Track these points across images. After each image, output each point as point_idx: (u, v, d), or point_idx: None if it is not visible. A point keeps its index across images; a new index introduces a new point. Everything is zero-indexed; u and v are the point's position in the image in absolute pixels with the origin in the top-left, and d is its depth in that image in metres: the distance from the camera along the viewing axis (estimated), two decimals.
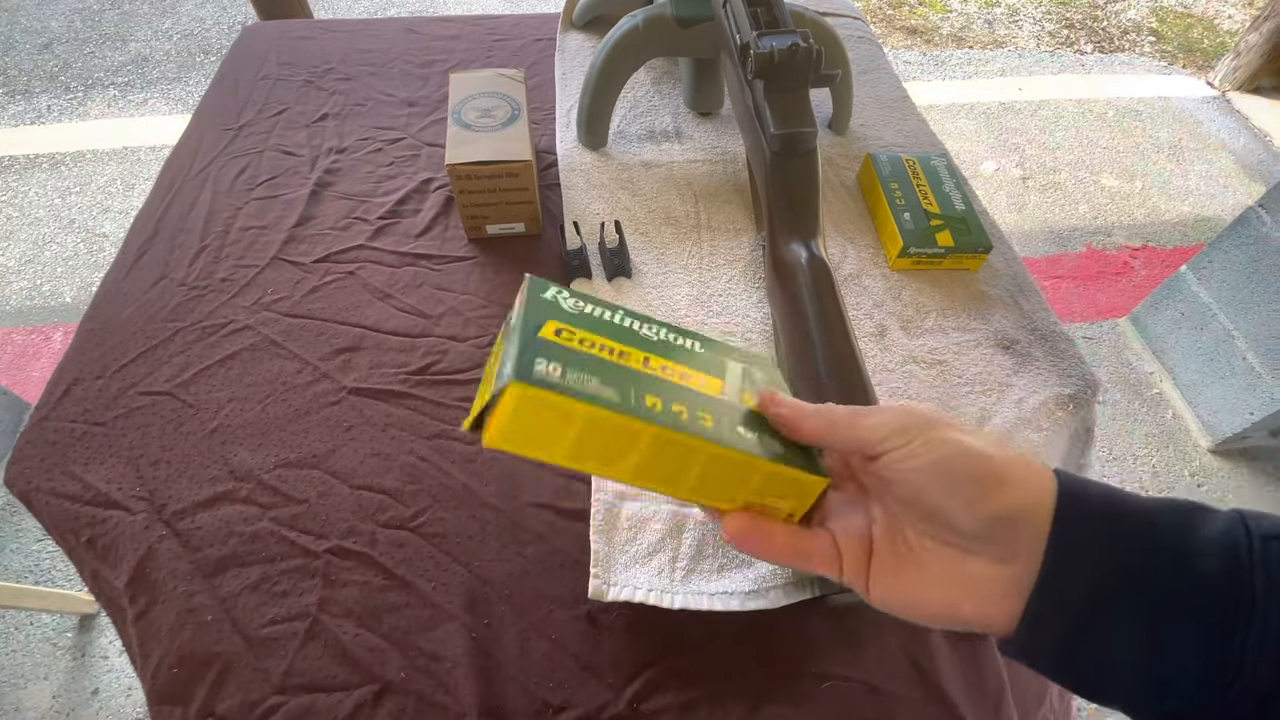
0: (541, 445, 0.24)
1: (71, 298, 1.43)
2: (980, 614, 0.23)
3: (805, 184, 0.49)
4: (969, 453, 0.23)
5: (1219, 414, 1.23)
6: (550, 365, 0.23)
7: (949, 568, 0.24)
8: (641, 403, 0.24)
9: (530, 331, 0.24)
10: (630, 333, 0.27)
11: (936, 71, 2.18)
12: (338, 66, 0.75)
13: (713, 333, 0.51)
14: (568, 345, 0.25)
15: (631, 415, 0.23)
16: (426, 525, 0.41)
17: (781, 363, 0.45)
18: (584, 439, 0.24)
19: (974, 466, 0.23)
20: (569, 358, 0.24)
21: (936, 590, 0.24)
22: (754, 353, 0.31)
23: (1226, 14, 2.52)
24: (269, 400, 0.47)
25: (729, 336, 0.51)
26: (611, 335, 0.26)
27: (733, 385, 0.28)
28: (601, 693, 0.36)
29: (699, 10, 0.57)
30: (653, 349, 0.27)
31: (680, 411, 0.25)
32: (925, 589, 0.24)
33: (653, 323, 0.28)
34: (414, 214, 0.60)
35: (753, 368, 0.29)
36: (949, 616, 0.24)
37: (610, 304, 0.28)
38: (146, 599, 0.39)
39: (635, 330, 0.28)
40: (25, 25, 2.22)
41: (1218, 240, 1.21)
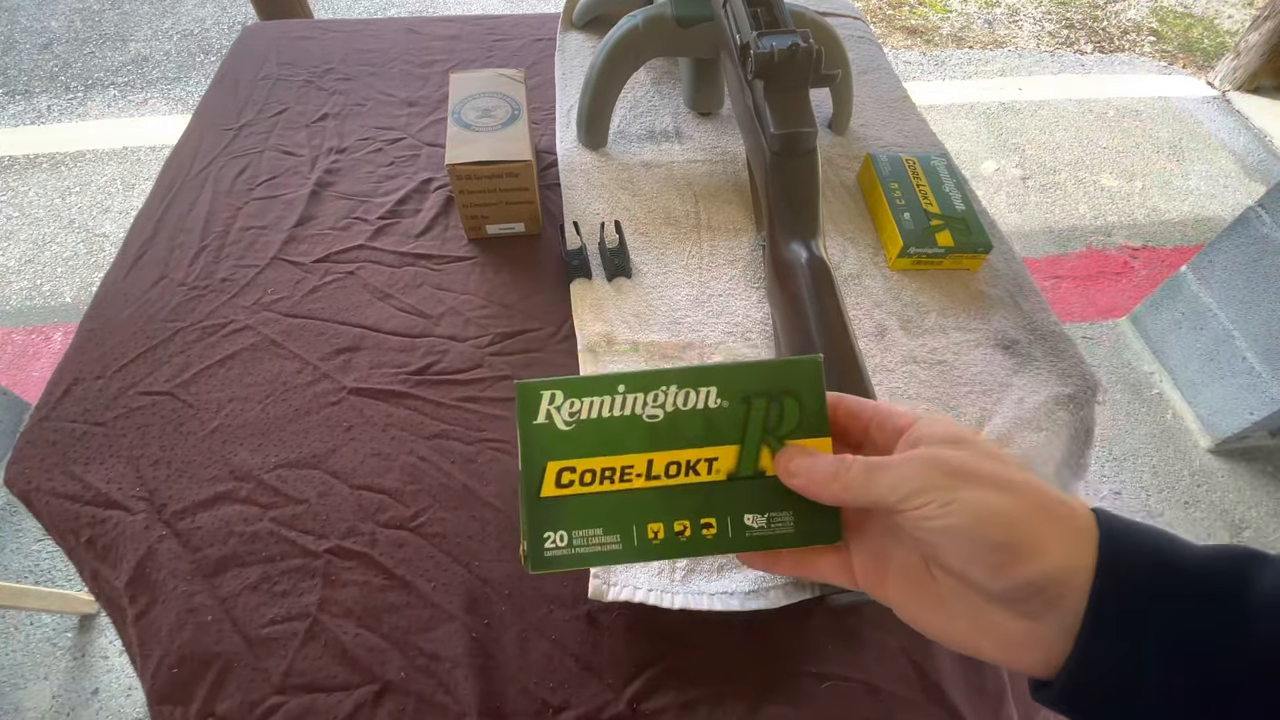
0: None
1: (71, 298, 1.43)
2: (1003, 656, 0.22)
3: (805, 184, 0.49)
4: (992, 520, 0.21)
5: (1219, 414, 1.23)
6: (558, 535, 0.26)
7: (971, 610, 0.23)
8: (644, 539, 0.27)
9: (534, 490, 0.27)
10: (632, 423, 0.27)
11: (936, 71, 2.18)
12: (338, 66, 0.75)
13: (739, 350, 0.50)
14: (570, 495, 0.27)
15: (635, 558, 0.27)
16: (426, 525, 0.41)
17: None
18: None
19: (995, 535, 0.21)
20: (573, 512, 0.26)
21: (957, 623, 0.23)
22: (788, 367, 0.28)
23: (1226, 14, 2.52)
24: (269, 400, 0.47)
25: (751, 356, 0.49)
26: (613, 439, 0.27)
27: (751, 443, 0.27)
28: (601, 693, 0.36)
29: (699, 10, 0.57)
30: (657, 440, 0.27)
31: (682, 531, 0.27)
32: (945, 618, 0.24)
33: (658, 384, 0.27)
34: (414, 214, 0.60)
35: (784, 398, 0.27)
36: (970, 649, 0.23)
37: (609, 381, 0.27)
38: (146, 599, 0.39)
39: (638, 417, 0.27)
40: (25, 25, 2.22)
41: (1218, 240, 1.21)
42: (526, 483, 0.26)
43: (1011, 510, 0.21)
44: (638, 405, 0.27)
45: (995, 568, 0.21)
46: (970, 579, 0.22)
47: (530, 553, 0.26)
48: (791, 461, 0.26)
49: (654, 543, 0.26)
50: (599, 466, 0.27)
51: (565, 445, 0.27)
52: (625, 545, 0.26)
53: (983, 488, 0.22)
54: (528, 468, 0.27)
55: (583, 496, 0.27)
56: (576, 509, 0.26)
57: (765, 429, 0.27)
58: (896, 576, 0.25)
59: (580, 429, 0.27)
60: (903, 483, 0.23)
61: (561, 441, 0.27)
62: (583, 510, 0.26)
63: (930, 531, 0.22)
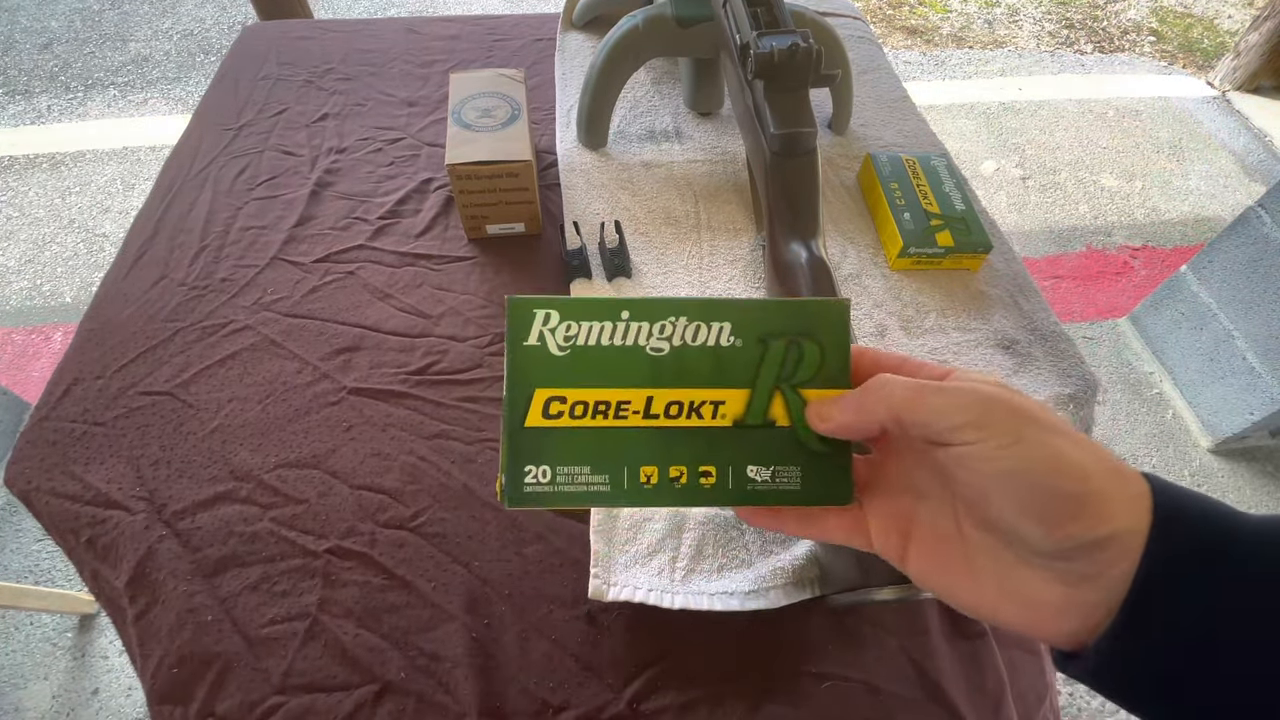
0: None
1: (71, 298, 1.43)
2: (1027, 623, 0.21)
3: (805, 184, 0.49)
4: (1064, 469, 0.19)
5: (1219, 414, 1.23)
6: (540, 470, 0.24)
7: (1002, 571, 0.21)
8: (635, 482, 0.24)
9: (518, 420, 0.24)
10: (634, 355, 0.25)
11: (936, 71, 2.18)
12: (338, 66, 0.75)
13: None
14: (557, 426, 0.24)
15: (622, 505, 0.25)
16: (426, 525, 0.41)
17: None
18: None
19: (1065, 485, 0.19)
20: (559, 446, 0.24)
21: (982, 587, 0.21)
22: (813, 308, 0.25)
23: (1226, 14, 2.52)
24: (269, 400, 0.47)
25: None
26: (610, 371, 0.24)
27: (763, 388, 0.25)
28: (601, 693, 0.36)
29: (699, 10, 0.57)
30: (660, 377, 0.25)
31: (678, 477, 0.24)
32: (970, 581, 0.22)
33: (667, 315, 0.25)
34: (414, 214, 0.60)
35: (804, 341, 0.25)
36: (988, 615, 0.22)
37: (611, 305, 0.25)
38: (146, 599, 0.39)
39: (641, 349, 0.25)
40: (25, 25, 2.22)
41: (1218, 240, 1.21)
42: (510, 410, 0.24)
43: (1084, 461, 0.19)
44: (641, 335, 0.25)
45: (1056, 524, 0.19)
46: (1020, 533, 0.20)
47: (508, 486, 0.24)
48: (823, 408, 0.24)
49: (646, 487, 0.24)
50: (592, 399, 0.24)
51: (557, 372, 0.24)
52: (614, 487, 0.24)
53: (1052, 433, 0.19)
54: (512, 393, 0.24)
55: (571, 430, 0.24)
56: (563, 443, 0.24)
57: (780, 374, 0.25)
58: (920, 537, 0.23)
59: (575, 356, 0.24)
60: (957, 410, 0.20)
61: (553, 367, 0.24)
62: (570, 445, 0.24)
63: (983, 474, 0.20)
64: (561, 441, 0.24)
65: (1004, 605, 0.21)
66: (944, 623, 0.40)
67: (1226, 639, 0.18)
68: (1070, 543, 0.19)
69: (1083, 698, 0.98)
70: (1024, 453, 0.19)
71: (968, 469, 0.20)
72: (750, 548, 0.40)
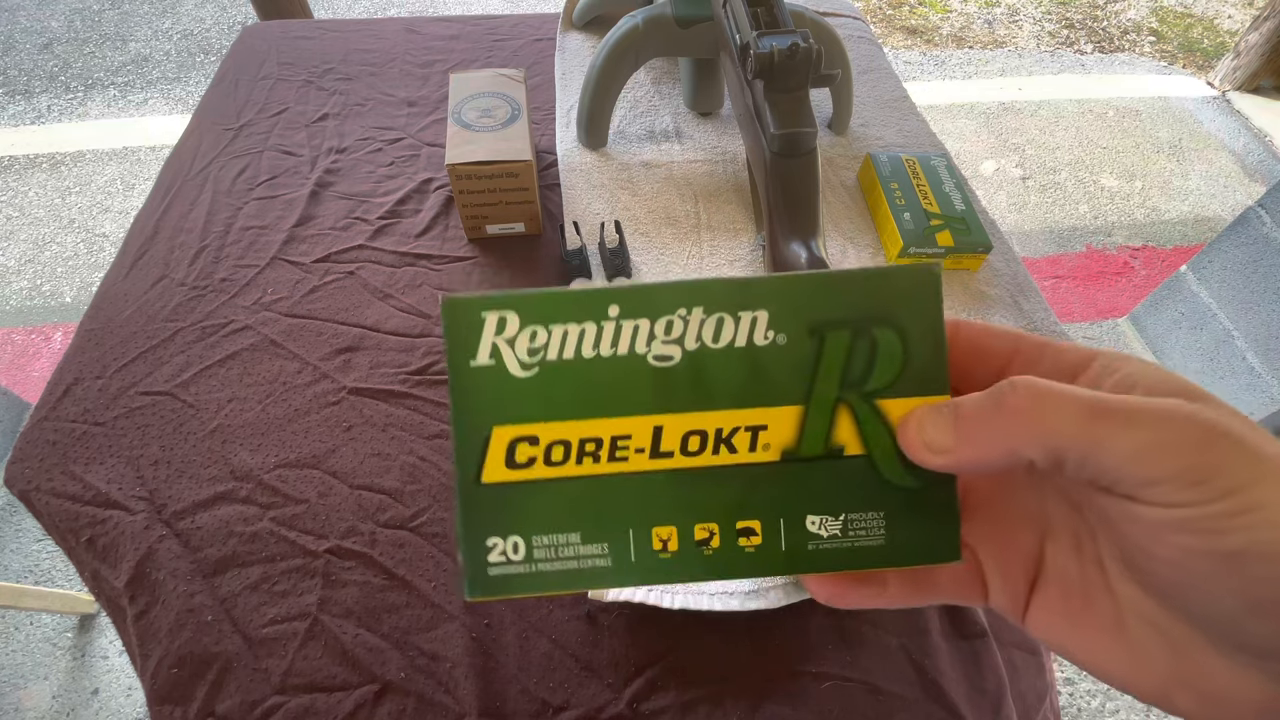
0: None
1: (71, 298, 1.43)
2: (1203, 714, 0.15)
3: (805, 184, 0.49)
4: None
5: None
6: (509, 543, 0.17)
7: (1180, 653, 0.15)
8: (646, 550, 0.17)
9: (471, 474, 0.17)
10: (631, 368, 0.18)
11: (936, 71, 2.18)
12: (338, 66, 0.75)
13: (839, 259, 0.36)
14: (528, 479, 0.17)
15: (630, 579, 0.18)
16: (426, 525, 0.41)
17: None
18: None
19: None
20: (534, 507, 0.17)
21: (1142, 663, 0.16)
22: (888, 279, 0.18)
23: (1226, 14, 2.52)
24: (269, 400, 0.47)
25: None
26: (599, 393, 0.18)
27: (822, 403, 0.18)
28: (601, 693, 0.36)
29: (699, 10, 0.57)
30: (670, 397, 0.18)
31: (706, 539, 0.17)
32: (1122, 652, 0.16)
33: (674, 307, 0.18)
34: (414, 214, 0.60)
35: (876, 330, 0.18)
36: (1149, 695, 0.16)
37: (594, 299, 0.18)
38: (146, 599, 0.39)
39: (641, 358, 0.18)
40: (25, 25, 2.22)
41: (1218, 240, 1.21)
42: (460, 460, 0.17)
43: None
44: (640, 339, 0.18)
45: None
46: (1239, 630, 0.14)
47: (468, 569, 0.17)
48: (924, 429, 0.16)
49: (662, 556, 0.17)
50: (575, 436, 0.17)
51: (522, 401, 0.17)
52: (616, 560, 0.17)
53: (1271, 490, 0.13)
54: (461, 436, 0.17)
55: (549, 483, 0.17)
56: (539, 502, 0.17)
57: (845, 380, 0.18)
58: (1047, 585, 0.17)
59: (546, 375, 0.17)
60: (1160, 453, 0.13)
61: (516, 395, 0.17)
62: (549, 504, 0.17)
63: (1191, 552, 0.13)
64: (536, 500, 0.17)
65: (1177, 693, 0.15)
66: (944, 623, 0.40)
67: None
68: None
69: (1083, 698, 0.98)
70: (1258, 523, 0.13)
71: (1168, 541, 0.14)
72: None
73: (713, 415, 0.18)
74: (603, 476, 0.18)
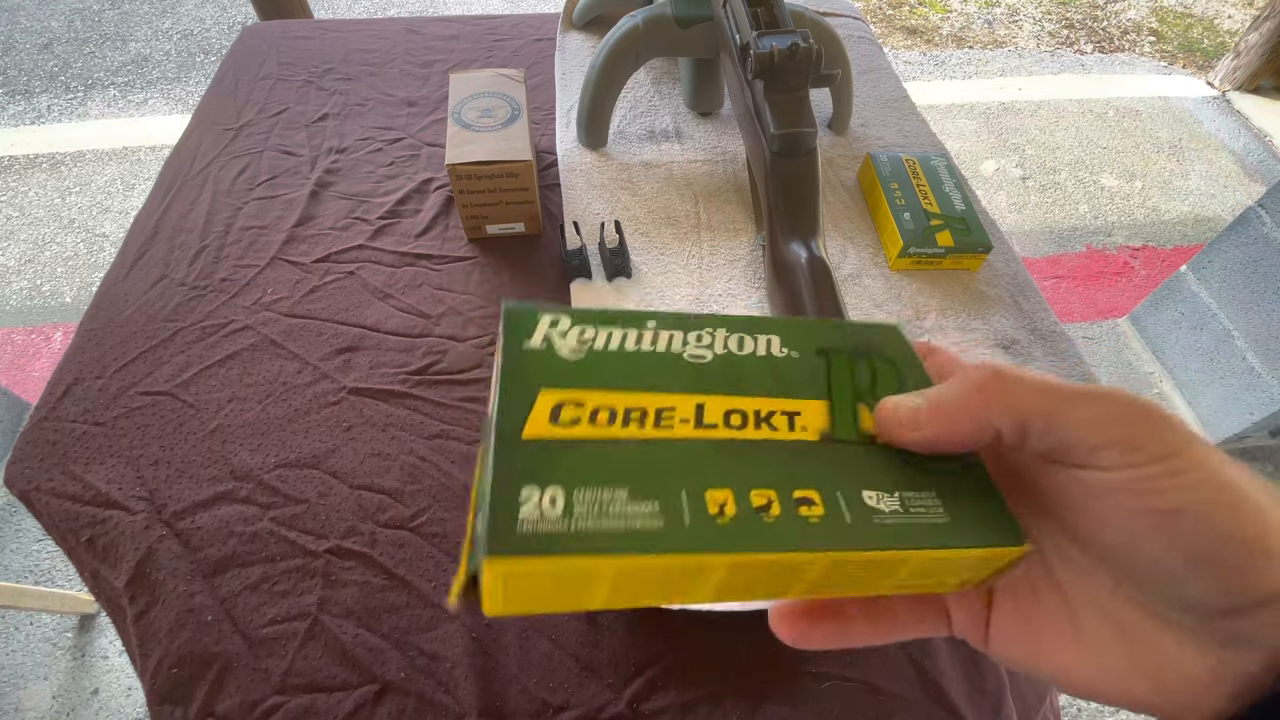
0: (566, 602, 0.16)
1: (71, 298, 1.43)
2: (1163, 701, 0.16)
3: (805, 184, 0.49)
4: (1240, 503, 0.14)
5: (1219, 414, 1.23)
6: (547, 495, 0.15)
7: (1133, 639, 0.16)
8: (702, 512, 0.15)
9: (512, 427, 0.16)
10: (669, 361, 0.19)
11: (936, 71, 2.18)
12: (338, 66, 0.75)
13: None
14: (571, 437, 0.16)
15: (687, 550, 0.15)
16: (426, 525, 0.41)
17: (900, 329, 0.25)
18: (623, 588, 0.15)
19: (1246, 527, 0.14)
20: (575, 464, 0.16)
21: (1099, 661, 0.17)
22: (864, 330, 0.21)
23: (1226, 14, 2.52)
24: (269, 400, 0.47)
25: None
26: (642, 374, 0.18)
27: (844, 399, 0.19)
28: (601, 693, 0.36)
29: (699, 10, 0.57)
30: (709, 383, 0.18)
31: (765, 506, 0.16)
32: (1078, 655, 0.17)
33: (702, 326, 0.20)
34: (414, 214, 0.60)
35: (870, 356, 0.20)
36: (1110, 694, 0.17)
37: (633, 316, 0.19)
38: (146, 599, 0.39)
39: (678, 355, 0.19)
40: (25, 25, 2.22)
41: (1218, 240, 1.21)
42: (501, 418, 0.16)
43: (1259, 497, 0.14)
44: (675, 343, 0.19)
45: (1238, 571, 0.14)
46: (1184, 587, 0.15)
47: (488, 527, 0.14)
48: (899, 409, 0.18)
49: (719, 522, 0.15)
50: (621, 405, 0.17)
51: (570, 373, 0.18)
52: (670, 522, 0.15)
53: (1217, 457, 0.15)
54: (506, 396, 0.17)
55: (595, 443, 0.16)
56: (584, 457, 0.16)
57: (856, 388, 0.19)
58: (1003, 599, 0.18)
59: (593, 358, 0.18)
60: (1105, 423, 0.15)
61: (565, 369, 0.18)
62: (595, 460, 0.16)
63: (1135, 511, 0.15)
64: (580, 455, 0.16)
65: (1137, 683, 0.16)
66: None
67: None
68: (1248, 599, 0.14)
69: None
70: (1193, 483, 0.15)
71: (1113, 502, 0.15)
72: None
73: (749, 399, 0.18)
74: (650, 440, 0.17)
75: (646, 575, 0.15)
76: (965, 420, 0.17)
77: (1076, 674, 0.17)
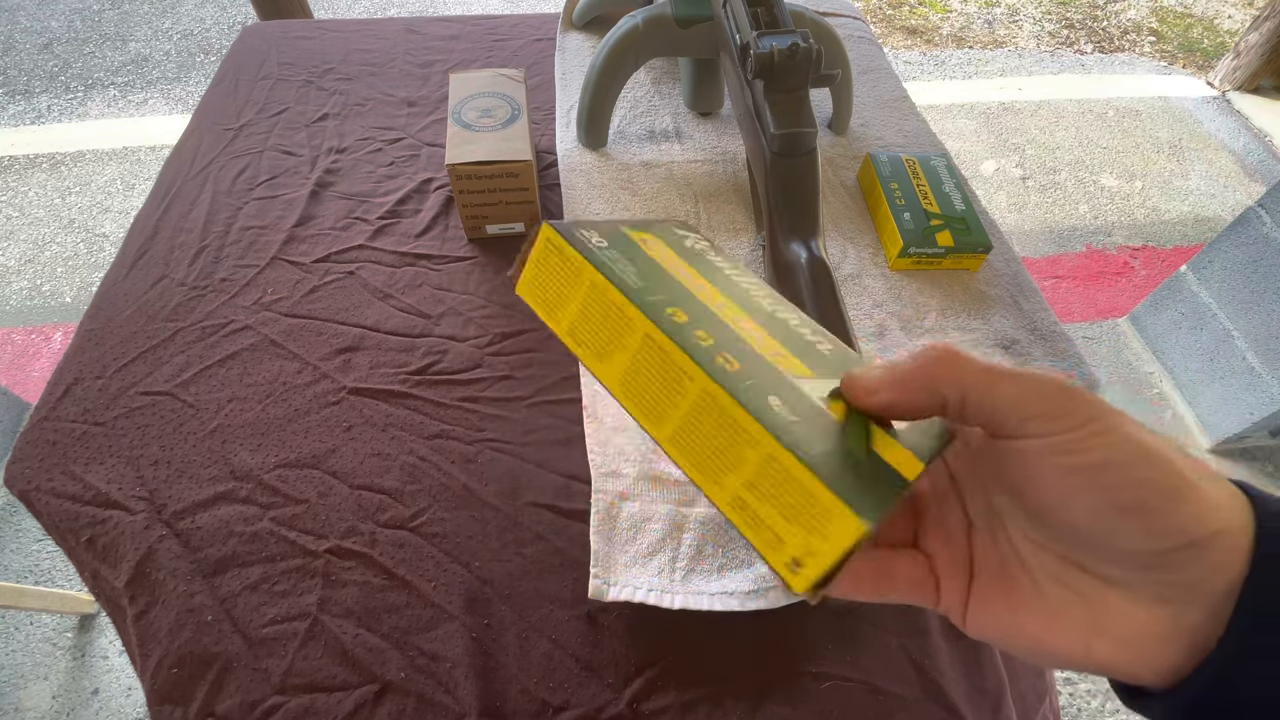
0: (552, 306, 0.22)
1: (71, 298, 1.43)
2: (1127, 659, 0.17)
3: (805, 184, 0.49)
4: (1153, 457, 0.16)
5: (1219, 414, 1.23)
6: (596, 237, 0.22)
7: (1090, 602, 0.18)
8: (659, 306, 0.20)
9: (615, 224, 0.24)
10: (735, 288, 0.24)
11: (936, 71, 2.18)
12: (338, 66, 0.75)
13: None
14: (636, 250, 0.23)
15: (634, 302, 0.20)
16: (426, 525, 0.41)
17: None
18: (585, 312, 0.21)
19: (1160, 476, 0.16)
20: (627, 249, 0.22)
21: (1064, 627, 0.18)
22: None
23: (1226, 14, 2.52)
24: (269, 400, 0.47)
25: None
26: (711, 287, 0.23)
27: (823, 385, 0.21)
28: (601, 693, 0.36)
29: (699, 10, 0.57)
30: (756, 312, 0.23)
31: (702, 339, 0.20)
32: (1046, 623, 0.19)
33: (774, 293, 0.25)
34: (414, 214, 0.60)
35: None
36: (1078, 660, 0.18)
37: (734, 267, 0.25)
38: (146, 599, 0.39)
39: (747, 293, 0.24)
40: (25, 25, 2.22)
41: (1218, 240, 1.21)
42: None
43: (1170, 454, 0.16)
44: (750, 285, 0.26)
45: (1153, 525, 0.16)
46: (1116, 535, 0.17)
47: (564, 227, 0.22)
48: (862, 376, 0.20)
49: (668, 315, 0.20)
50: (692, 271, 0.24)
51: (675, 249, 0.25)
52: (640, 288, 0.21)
53: (1129, 423, 0.17)
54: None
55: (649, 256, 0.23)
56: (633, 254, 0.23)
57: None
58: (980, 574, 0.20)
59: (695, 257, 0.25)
60: (1034, 398, 0.17)
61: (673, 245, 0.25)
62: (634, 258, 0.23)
63: (1065, 469, 0.17)
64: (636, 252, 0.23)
65: (1097, 644, 0.18)
66: (944, 623, 0.40)
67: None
68: (1173, 541, 0.16)
69: (1083, 698, 0.98)
70: (1112, 441, 0.17)
71: (1047, 464, 0.17)
72: (750, 548, 0.40)
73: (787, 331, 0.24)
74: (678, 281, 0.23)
75: (598, 307, 0.21)
76: (917, 389, 0.19)
77: (1046, 643, 0.18)
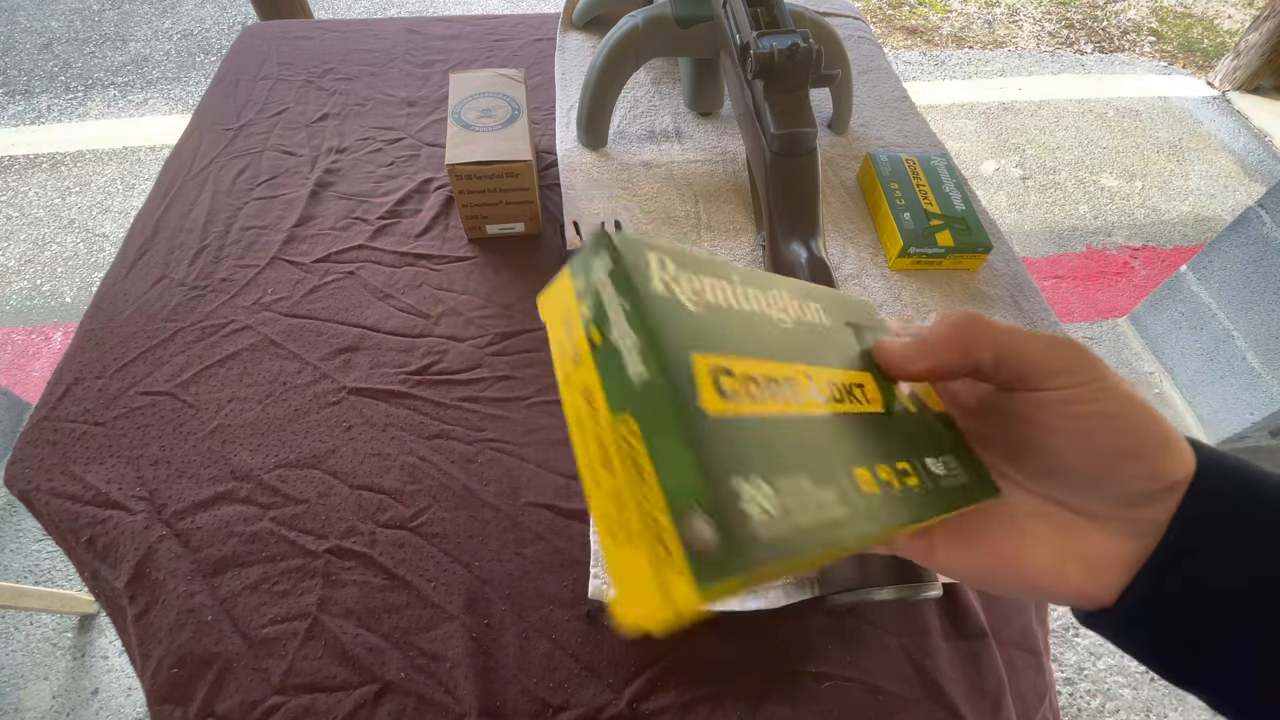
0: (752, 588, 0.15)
1: (71, 298, 1.43)
2: (1091, 585, 0.20)
3: (805, 184, 0.49)
4: (1149, 410, 0.19)
5: (1219, 414, 1.23)
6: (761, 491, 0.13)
7: (1066, 532, 0.21)
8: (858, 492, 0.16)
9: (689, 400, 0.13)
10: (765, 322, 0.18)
11: (936, 71, 2.18)
12: (338, 66, 0.75)
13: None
14: (741, 414, 0.14)
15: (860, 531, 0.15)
16: (426, 525, 0.41)
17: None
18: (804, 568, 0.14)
19: (1157, 427, 0.19)
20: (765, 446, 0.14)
21: (1033, 556, 0.21)
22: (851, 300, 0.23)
23: (1226, 14, 2.52)
24: (269, 400, 0.47)
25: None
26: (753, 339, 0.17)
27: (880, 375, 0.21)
28: (601, 693, 0.36)
29: (699, 10, 0.57)
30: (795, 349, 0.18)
31: (889, 482, 0.17)
32: (1015, 554, 0.21)
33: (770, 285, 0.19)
34: (414, 214, 0.60)
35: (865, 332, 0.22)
36: (1045, 586, 0.21)
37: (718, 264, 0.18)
38: (146, 599, 0.39)
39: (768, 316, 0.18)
40: (25, 25, 2.22)
41: (1218, 240, 1.21)
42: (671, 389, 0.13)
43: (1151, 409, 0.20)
44: (761, 303, 0.18)
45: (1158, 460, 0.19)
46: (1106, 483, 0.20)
47: (721, 534, 0.12)
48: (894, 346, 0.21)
49: (873, 499, 0.16)
50: (761, 372, 0.16)
51: (704, 333, 0.15)
52: (847, 507, 0.15)
53: (1126, 381, 0.20)
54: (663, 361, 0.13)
55: (762, 420, 0.15)
56: (764, 439, 0.14)
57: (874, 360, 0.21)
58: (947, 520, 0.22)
59: (711, 313, 0.16)
60: (1056, 356, 0.20)
61: (697, 327, 0.15)
62: (772, 441, 0.14)
63: (1082, 417, 0.20)
64: (761, 436, 0.14)
65: (1067, 569, 0.20)
66: (944, 623, 0.40)
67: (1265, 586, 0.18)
68: (1161, 483, 0.19)
69: (1083, 698, 0.98)
70: (1120, 394, 0.19)
71: (1064, 413, 0.20)
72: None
73: (830, 370, 0.19)
74: (796, 417, 0.16)
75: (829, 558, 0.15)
76: (950, 353, 0.20)
77: (1008, 573, 0.21)
